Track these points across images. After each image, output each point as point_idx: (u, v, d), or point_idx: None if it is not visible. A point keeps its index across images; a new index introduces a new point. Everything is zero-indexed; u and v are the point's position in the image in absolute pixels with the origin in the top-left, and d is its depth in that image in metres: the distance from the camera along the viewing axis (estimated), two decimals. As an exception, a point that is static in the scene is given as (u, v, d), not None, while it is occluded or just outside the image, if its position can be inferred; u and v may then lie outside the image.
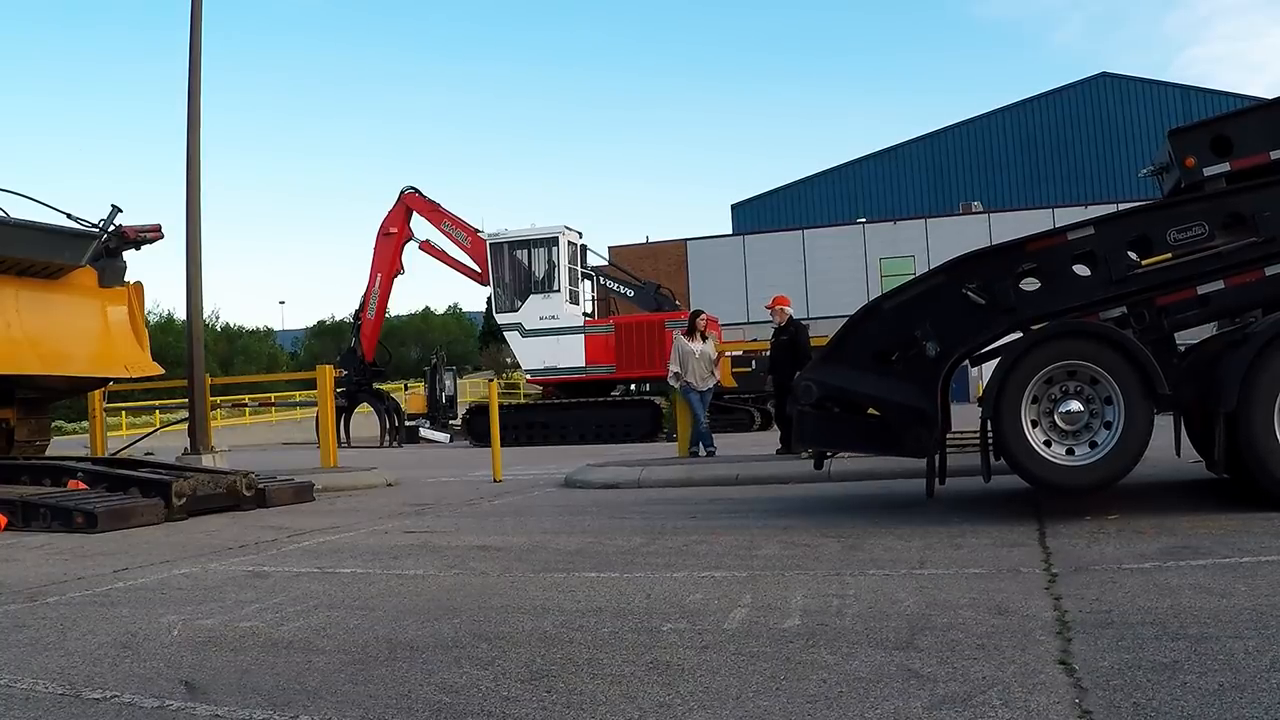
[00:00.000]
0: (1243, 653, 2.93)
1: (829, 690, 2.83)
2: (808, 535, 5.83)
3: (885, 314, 6.50)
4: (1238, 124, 6.29)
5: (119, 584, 5.22)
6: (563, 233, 23.58)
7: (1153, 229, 6.11)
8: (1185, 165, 6.23)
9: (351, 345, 25.03)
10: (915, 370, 6.27)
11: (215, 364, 48.77)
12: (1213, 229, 6.00)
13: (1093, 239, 6.14)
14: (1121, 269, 6.07)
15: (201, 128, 11.97)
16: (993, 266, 6.28)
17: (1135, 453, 5.78)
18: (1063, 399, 5.91)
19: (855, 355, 6.54)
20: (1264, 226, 5.92)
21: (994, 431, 6.03)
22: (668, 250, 43.10)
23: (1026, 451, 5.89)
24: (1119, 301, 6.10)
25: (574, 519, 7.38)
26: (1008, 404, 5.90)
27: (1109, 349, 5.83)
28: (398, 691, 3.02)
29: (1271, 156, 6.10)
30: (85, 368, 10.52)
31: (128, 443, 16.15)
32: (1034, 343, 5.98)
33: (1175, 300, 6.08)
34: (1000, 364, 6.04)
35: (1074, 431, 5.89)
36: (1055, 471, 5.87)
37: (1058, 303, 6.16)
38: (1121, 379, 5.76)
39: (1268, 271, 5.97)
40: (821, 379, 6.61)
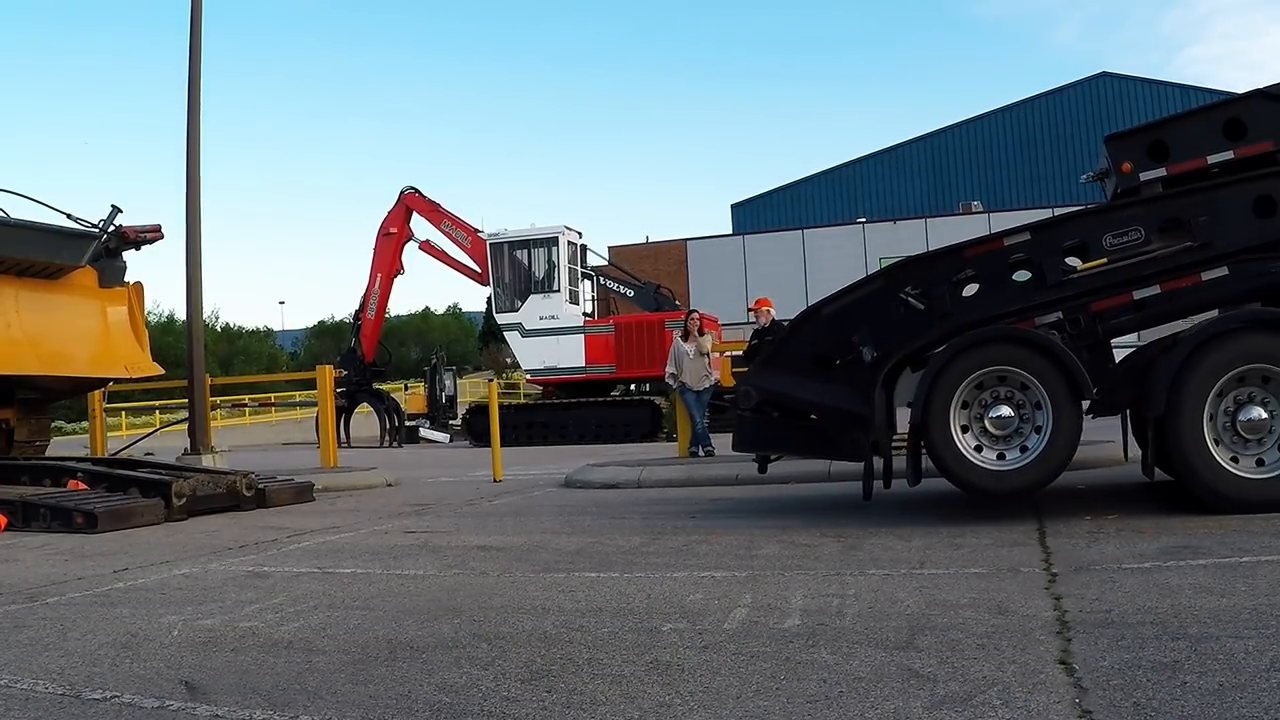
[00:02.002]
0: (1243, 652, 2.93)
1: (829, 690, 2.83)
2: (808, 535, 5.83)
3: (824, 319, 6.58)
4: (1175, 129, 6.33)
5: (119, 584, 5.22)
6: (563, 233, 23.58)
7: (1089, 234, 6.15)
8: (1122, 171, 6.27)
9: (351, 345, 25.03)
10: (853, 375, 6.33)
11: (215, 364, 48.78)
12: (1149, 234, 6.03)
13: (1029, 244, 6.21)
14: (1057, 274, 6.12)
15: (201, 128, 11.98)
16: (930, 272, 6.36)
17: (1063, 457, 5.84)
18: (994, 404, 5.99)
19: (794, 360, 6.62)
20: (1200, 231, 5.95)
21: (923, 437, 6.08)
22: (668, 250, 43.08)
23: (955, 457, 5.97)
24: (1054, 306, 6.14)
25: (574, 519, 7.38)
26: (936, 409, 5.96)
27: (1037, 354, 5.89)
28: (398, 691, 3.03)
29: (1209, 161, 6.13)
30: (85, 368, 10.52)
31: (128, 443, 16.15)
32: (962, 348, 6.02)
33: (1111, 305, 6.11)
34: (928, 369, 6.08)
35: (1005, 436, 5.96)
36: (983, 476, 5.95)
37: (994, 308, 6.21)
38: (1049, 384, 5.82)
39: (1204, 276, 5.98)
40: (760, 384, 6.72)
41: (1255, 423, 5.60)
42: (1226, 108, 6.26)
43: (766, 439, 6.95)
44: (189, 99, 11.90)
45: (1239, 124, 6.09)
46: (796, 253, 41.90)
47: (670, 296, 25.39)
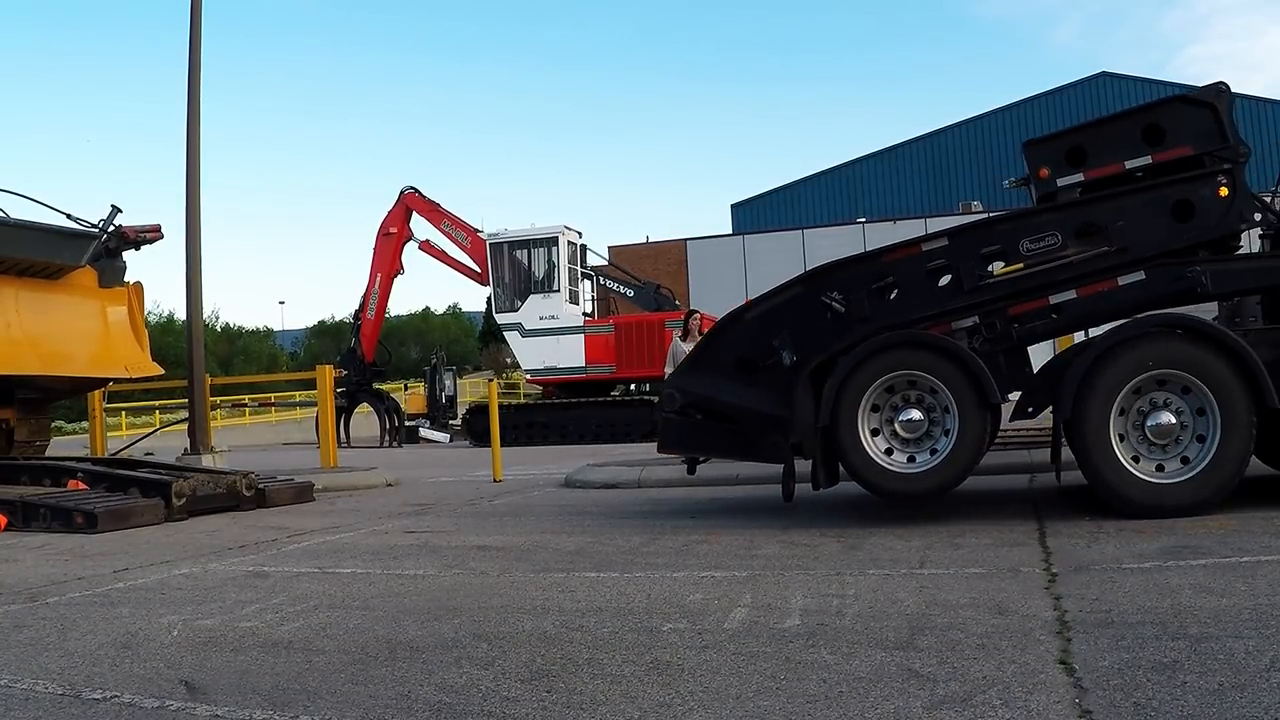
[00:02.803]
0: (1242, 652, 2.93)
1: (829, 690, 2.83)
2: (808, 535, 5.84)
3: (747, 323, 6.68)
4: (1092, 134, 6.35)
5: (119, 584, 5.23)
6: (563, 233, 23.56)
7: (1006, 240, 6.21)
8: (1039, 176, 6.31)
9: (351, 345, 25.01)
10: (773, 378, 6.41)
11: (215, 364, 48.77)
12: (1066, 239, 6.08)
13: (947, 250, 6.29)
14: (973, 279, 6.17)
15: (201, 128, 11.98)
16: (850, 276, 6.44)
17: (969, 459, 5.91)
18: (904, 407, 6.06)
19: (718, 363, 6.72)
20: (1117, 236, 6.00)
21: (832, 439, 6.12)
22: (668, 250, 43.06)
23: (863, 459, 6.05)
24: (971, 311, 6.20)
25: (574, 519, 7.38)
26: (845, 413, 6.04)
27: (943, 359, 5.96)
28: (398, 691, 3.03)
29: (1126, 166, 6.15)
30: (85, 368, 10.52)
31: (128, 443, 16.15)
32: (870, 353, 6.08)
33: (1027, 309, 6.16)
34: (836, 373, 6.13)
35: (915, 439, 6.04)
36: (891, 479, 6.04)
37: (912, 312, 6.27)
38: (956, 388, 5.90)
39: (1121, 281, 6.03)
40: (684, 386, 6.81)
41: (1164, 428, 5.66)
42: (1145, 113, 6.29)
43: (691, 441, 7.06)
44: (189, 99, 11.90)
45: (1157, 129, 6.13)
46: (796, 253, 41.86)
47: (670, 296, 25.38)
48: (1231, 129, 5.99)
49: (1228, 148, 5.96)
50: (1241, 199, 5.96)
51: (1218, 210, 5.93)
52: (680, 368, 7.11)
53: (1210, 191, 5.95)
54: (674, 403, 6.81)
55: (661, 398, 6.94)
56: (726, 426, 6.72)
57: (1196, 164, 6.03)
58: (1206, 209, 5.94)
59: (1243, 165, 5.99)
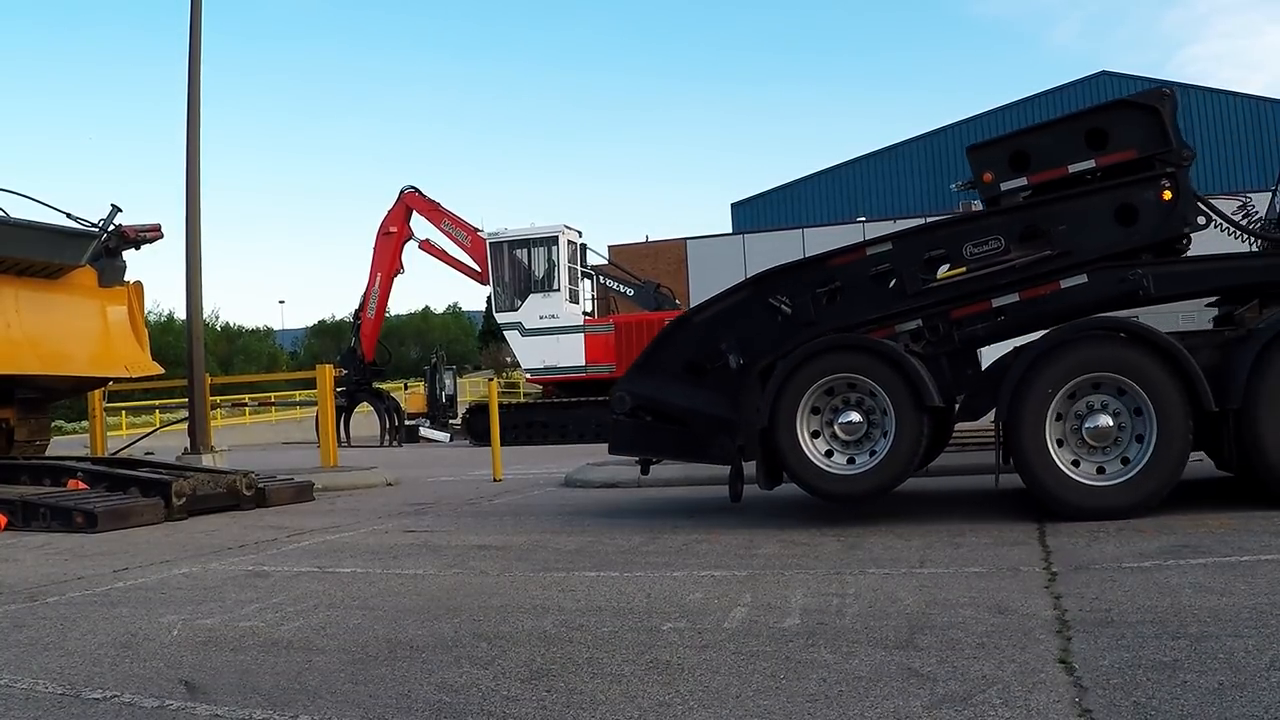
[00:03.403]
0: (1242, 652, 2.93)
1: (829, 689, 2.83)
2: (808, 535, 5.84)
3: (694, 326, 6.77)
4: (1036, 139, 6.37)
5: (119, 584, 5.23)
6: (562, 232, 23.57)
7: (950, 243, 6.26)
8: (983, 181, 6.35)
9: (351, 345, 25.03)
10: (721, 381, 6.50)
11: (215, 364, 48.78)
12: (1009, 243, 6.13)
13: (891, 254, 6.34)
14: (916, 283, 6.23)
15: (201, 128, 11.99)
16: (796, 280, 6.52)
17: (906, 462, 5.96)
18: (844, 410, 6.10)
19: (667, 366, 6.81)
20: (1060, 240, 6.05)
21: (770, 441, 6.17)
22: (668, 250, 43.04)
23: (801, 461, 6.10)
24: (914, 314, 6.26)
25: (574, 518, 7.39)
26: (783, 415, 6.09)
27: (879, 361, 5.99)
28: (398, 691, 3.03)
29: (1070, 170, 6.17)
30: (85, 368, 10.52)
31: (128, 443, 16.15)
32: (807, 356, 6.12)
33: (970, 313, 6.21)
34: (775, 376, 6.18)
35: (855, 441, 6.08)
36: (829, 480, 6.10)
37: (856, 315, 6.33)
38: (892, 390, 5.94)
39: (1064, 284, 6.07)
40: (634, 389, 6.90)
41: (1100, 430, 5.69)
42: (1089, 117, 6.31)
43: (641, 442, 7.12)
44: (189, 99, 11.90)
45: (1101, 133, 6.15)
46: (796, 252, 41.72)
47: (670, 296, 25.37)
48: (1175, 133, 6.02)
49: (1171, 151, 6.00)
50: (1185, 202, 6.00)
51: (1161, 214, 5.98)
52: (630, 370, 7.19)
53: (1154, 195, 6.00)
54: (624, 405, 6.91)
55: (612, 400, 7.04)
56: (676, 428, 6.82)
57: (1141, 168, 6.06)
58: (1150, 212, 5.99)
59: (1186, 169, 6.03)
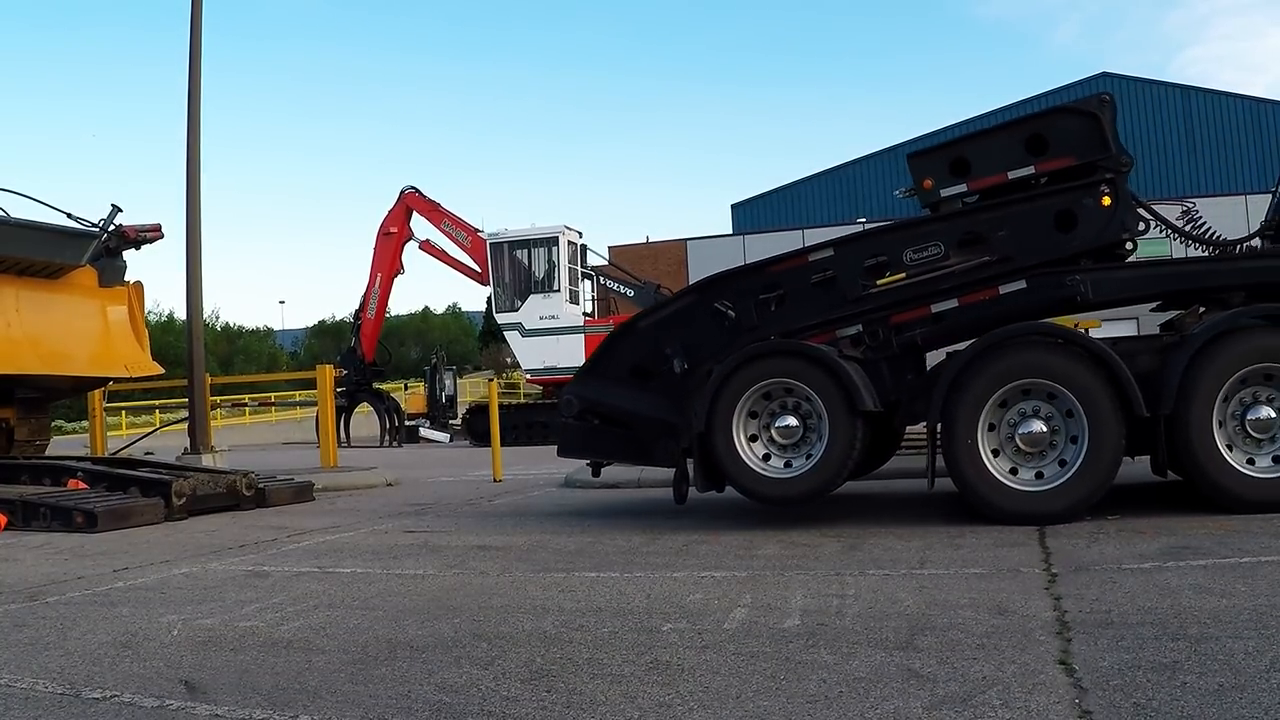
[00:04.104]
0: (1242, 653, 2.93)
1: (829, 690, 2.83)
2: (808, 535, 5.84)
3: (641, 331, 6.87)
4: (976, 145, 6.42)
5: (119, 584, 5.23)
6: (563, 232, 23.56)
7: (890, 250, 6.31)
8: (923, 187, 6.39)
9: (351, 345, 25.01)
10: (666, 385, 6.58)
11: (215, 364, 48.78)
12: (949, 249, 6.19)
13: (832, 260, 6.41)
14: (857, 289, 6.29)
15: (201, 128, 11.98)
16: (740, 285, 6.61)
17: (839, 465, 5.98)
18: (780, 414, 6.15)
19: (614, 370, 6.90)
20: (998, 245, 6.09)
21: (707, 445, 6.21)
22: (668, 250, 43.04)
23: (737, 465, 6.15)
24: (855, 319, 6.32)
25: (574, 519, 7.39)
26: (720, 419, 6.14)
27: (812, 366, 6.03)
28: (398, 691, 3.03)
29: (1009, 177, 6.21)
30: (85, 367, 10.52)
31: (128, 443, 16.15)
32: (743, 361, 6.17)
33: (910, 318, 6.26)
34: (711, 381, 6.22)
35: (792, 445, 6.14)
36: (765, 483, 6.15)
37: (798, 320, 6.40)
38: (826, 395, 5.98)
39: (1003, 290, 6.11)
40: (582, 393, 6.99)
41: (1035, 435, 5.74)
42: (1028, 123, 6.34)
43: (588, 446, 7.19)
44: (189, 99, 11.90)
45: (1041, 139, 6.19)
46: (796, 253, 41.84)
47: (670, 296, 25.36)
48: (1115, 139, 6.08)
49: (1110, 157, 6.04)
50: (1124, 208, 6.05)
51: (1100, 219, 6.02)
52: (578, 374, 7.28)
53: (1093, 201, 6.04)
54: (572, 408, 7.00)
55: (560, 404, 7.13)
56: (623, 432, 6.90)
57: (1081, 174, 6.10)
58: (1089, 218, 6.04)
59: (1125, 175, 6.07)
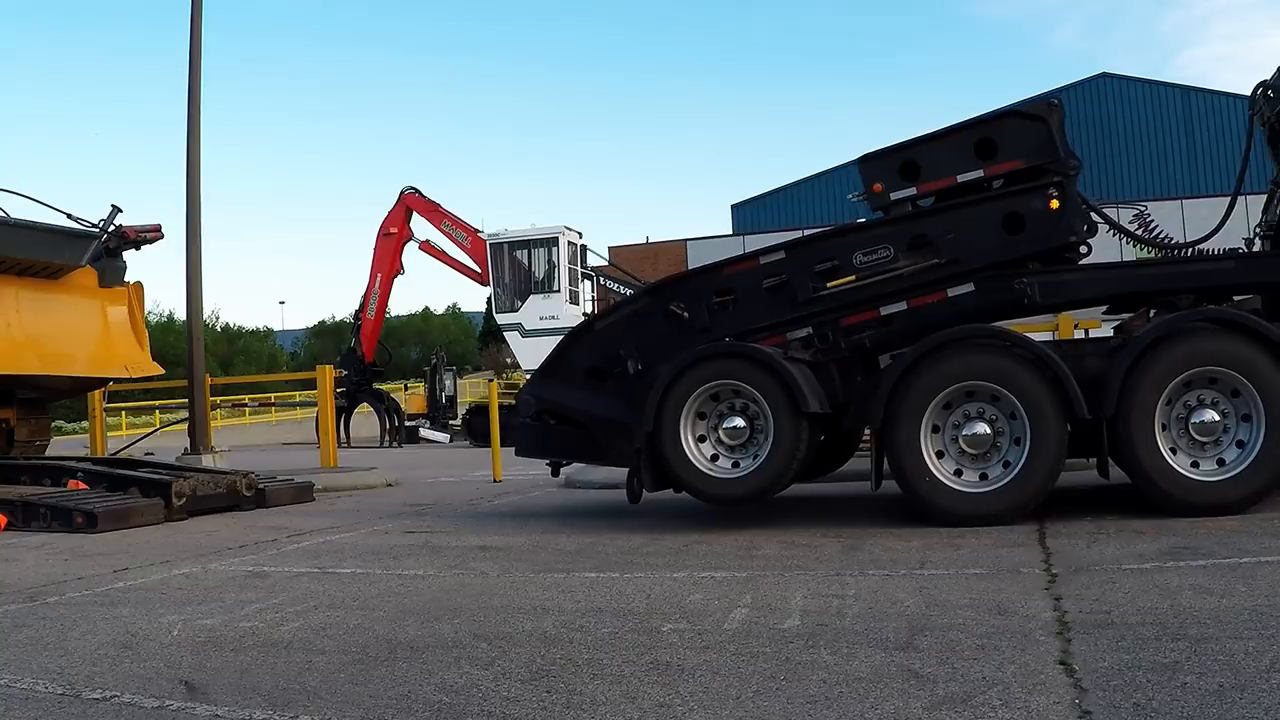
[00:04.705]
0: (1242, 653, 2.93)
1: (829, 690, 2.83)
2: (808, 535, 5.84)
3: (596, 333, 6.98)
4: (925, 149, 6.43)
5: (119, 584, 5.23)
6: (563, 233, 23.55)
7: (841, 253, 6.37)
8: (873, 191, 6.44)
9: (351, 345, 25.00)
10: (620, 386, 6.67)
11: (215, 364, 48.76)
12: (898, 252, 6.24)
13: (784, 263, 6.47)
14: (807, 291, 6.34)
15: (201, 128, 11.97)
16: (693, 288, 6.70)
17: (784, 466, 6.04)
18: (729, 415, 6.20)
19: (570, 372, 6.99)
20: (947, 249, 6.14)
21: (654, 445, 6.26)
22: (668, 250, 42.98)
23: (684, 465, 6.21)
24: (805, 322, 6.38)
25: (574, 519, 7.39)
26: (667, 421, 6.20)
27: (757, 368, 6.08)
28: (398, 691, 3.03)
29: (958, 180, 6.25)
30: (85, 368, 10.52)
31: (128, 443, 16.15)
32: (691, 362, 6.22)
33: (859, 321, 6.32)
34: (658, 382, 6.27)
35: (740, 445, 6.19)
36: (712, 484, 6.21)
37: (749, 322, 6.46)
38: (771, 397, 6.03)
39: (951, 293, 6.16)
40: (539, 393, 7.11)
41: (980, 437, 5.78)
42: (978, 128, 6.36)
43: (546, 445, 7.27)
44: (189, 99, 11.90)
45: (990, 143, 6.22)
46: (796, 253, 41.79)
47: (670, 297, 25.33)
48: (1063, 143, 6.11)
49: (1059, 161, 6.08)
50: (1072, 211, 6.08)
51: (1048, 222, 6.06)
52: (535, 375, 7.35)
53: (1041, 204, 6.07)
54: (529, 409, 7.10)
55: (518, 404, 7.20)
56: (578, 432, 6.97)
57: (1029, 177, 6.13)
58: (1037, 221, 6.07)
59: (1074, 178, 6.10)
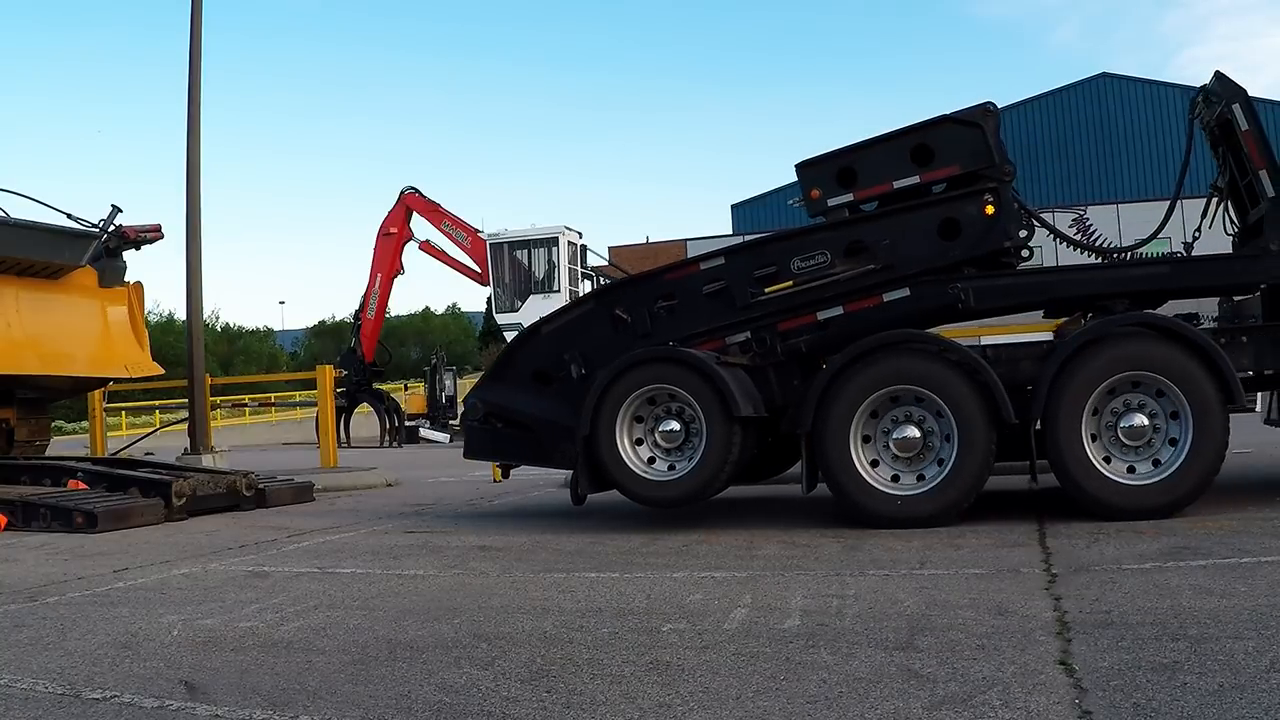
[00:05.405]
0: (1242, 653, 2.93)
1: (829, 690, 2.83)
2: (808, 535, 5.84)
3: (542, 338, 7.05)
4: (862, 156, 6.50)
5: (119, 584, 5.23)
6: (563, 233, 23.56)
7: (779, 258, 6.45)
8: (811, 197, 6.52)
9: (351, 345, 24.99)
10: (565, 390, 6.76)
11: (215, 364, 48.78)
12: (835, 257, 6.32)
13: (723, 268, 6.57)
14: (746, 297, 6.43)
15: (201, 128, 11.97)
16: (636, 293, 6.84)
17: (716, 469, 6.09)
18: (665, 418, 6.28)
19: (517, 376, 7.08)
20: (883, 254, 6.22)
21: (591, 448, 6.33)
22: (668, 250, 42.93)
23: (620, 468, 6.28)
24: (744, 326, 6.47)
25: (574, 519, 7.38)
26: (603, 424, 6.27)
27: (690, 372, 6.14)
28: (398, 691, 3.03)
29: (895, 186, 6.33)
30: (85, 368, 10.51)
31: (128, 443, 16.15)
32: (625, 367, 6.30)
33: (796, 325, 6.40)
34: (594, 386, 6.34)
35: (676, 448, 6.28)
36: (643, 485, 6.28)
37: (690, 327, 6.56)
38: (704, 401, 6.09)
39: (886, 298, 6.23)
40: (486, 397, 7.19)
41: (910, 440, 5.85)
42: (914, 133, 6.41)
43: (493, 448, 7.35)
44: (189, 99, 11.90)
45: (926, 149, 6.28)
46: (796, 253, 41.77)
47: (670, 297, 25.32)
48: (998, 148, 6.19)
49: (994, 166, 6.15)
50: (1007, 216, 6.15)
51: (983, 228, 6.14)
52: (483, 378, 7.44)
53: (976, 210, 6.15)
54: (476, 412, 7.19)
55: (466, 408, 7.29)
56: (525, 435, 7.03)
57: (965, 183, 6.20)
58: (972, 227, 6.15)
59: (1008, 183, 6.17)
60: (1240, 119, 6.19)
